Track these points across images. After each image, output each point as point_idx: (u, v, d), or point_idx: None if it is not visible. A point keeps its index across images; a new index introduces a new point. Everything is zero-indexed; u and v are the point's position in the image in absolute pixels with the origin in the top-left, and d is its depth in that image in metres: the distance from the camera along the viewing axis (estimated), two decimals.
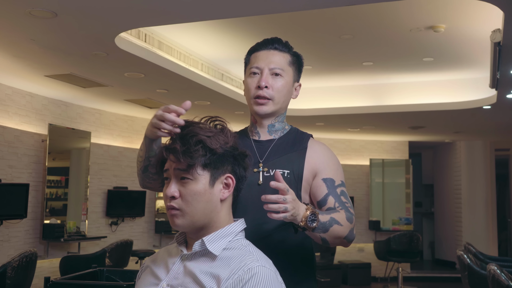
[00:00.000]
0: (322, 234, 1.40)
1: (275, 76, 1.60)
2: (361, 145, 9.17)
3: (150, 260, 1.39)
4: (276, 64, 1.61)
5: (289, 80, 1.63)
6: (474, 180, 9.31)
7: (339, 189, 1.54)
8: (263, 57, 1.63)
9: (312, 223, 1.35)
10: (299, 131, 1.68)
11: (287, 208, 1.28)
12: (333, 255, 7.92)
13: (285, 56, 1.64)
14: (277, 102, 1.60)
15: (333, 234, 1.41)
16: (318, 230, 1.38)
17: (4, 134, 5.27)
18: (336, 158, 1.63)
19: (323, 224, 1.39)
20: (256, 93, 1.60)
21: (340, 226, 1.43)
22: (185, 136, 1.26)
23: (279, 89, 1.60)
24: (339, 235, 1.43)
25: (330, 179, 1.55)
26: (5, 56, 4.39)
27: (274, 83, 1.60)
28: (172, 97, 5.82)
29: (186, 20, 3.65)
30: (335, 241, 1.45)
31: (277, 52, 1.63)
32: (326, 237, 1.41)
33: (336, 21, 4.37)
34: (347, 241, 1.47)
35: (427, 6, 4.04)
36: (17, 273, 4.10)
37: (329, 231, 1.40)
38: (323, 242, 1.43)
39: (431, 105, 6.33)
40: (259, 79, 1.60)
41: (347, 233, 1.45)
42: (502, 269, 3.76)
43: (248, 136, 1.67)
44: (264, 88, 1.59)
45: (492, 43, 3.87)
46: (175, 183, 1.27)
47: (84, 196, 6.34)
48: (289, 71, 1.63)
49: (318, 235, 1.40)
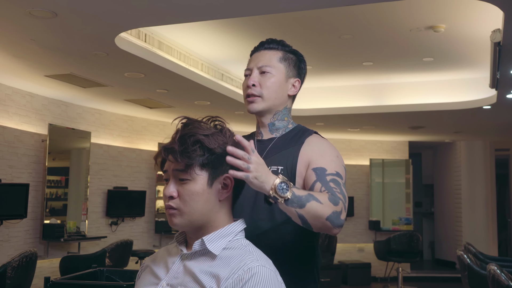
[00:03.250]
0: (298, 209, 1.31)
1: (264, 74, 1.62)
2: (361, 145, 9.17)
3: (150, 259, 1.39)
4: (263, 62, 1.63)
5: (279, 76, 1.63)
6: (474, 180, 9.31)
7: (329, 177, 1.46)
8: (254, 58, 1.67)
9: (284, 192, 1.27)
10: (303, 129, 1.66)
11: (249, 168, 1.23)
12: (333, 255, 7.92)
13: (276, 53, 1.65)
14: (267, 98, 1.62)
15: (311, 211, 1.31)
16: (292, 203, 1.30)
17: (4, 134, 5.27)
18: (334, 151, 1.56)
19: (299, 198, 1.30)
20: (246, 92, 1.64)
21: (320, 204, 1.33)
22: (183, 136, 1.26)
23: (268, 85, 1.62)
24: (319, 214, 1.32)
25: (321, 168, 1.48)
26: (5, 56, 4.39)
27: (263, 81, 1.62)
28: (172, 97, 5.83)
29: (186, 20, 3.65)
30: (315, 222, 1.33)
31: (266, 51, 1.66)
32: (304, 214, 1.31)
33: (336, 21, 4.37)
34: (332, 225, 1.34)
35: (427, 6, 4.04)
36: (17, 273, 4.10)
37: (306, 207, 1.31)
38: (302, 221, 1.33)
39: (431, 105, 6.33)
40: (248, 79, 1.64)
41: (329, 214, 1.33)
42: (502, 269, 3.77)
43: (254, 138, 1.70)
44: (252, 87, 1.61)
45: (492, 43, 3.87)
46: (174, 183, 1.27)
47: (84, 196, 6.34)
48: (280, 67, 1.64)
49: (294, 211, 1.31)
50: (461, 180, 9.40)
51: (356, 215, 8.94)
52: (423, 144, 10.09)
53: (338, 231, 1.37)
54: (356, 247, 8.99)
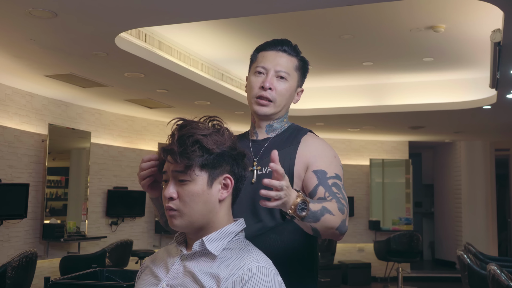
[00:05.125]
0: (313, 224, 1.32)
1: (280, 79, 1.60)
2: (361, 145, 9.17)
3: (150, 260, 1.39)
4: (282, 67, 1.60)
5: (293, 85, 1.63)
6: (474, 180, 9.31)
7: (330, 181, 1.47)
8: (271, 58, 1.62)
9: (302, 212, 1.28)
10: (298, 128, 1.66)
11: (281, 196, 1.22)
12: (333, 255, 7.92)
13: (293, 60, 1.63)
14: (278, 105, 1.60)
15: (324, 224, 1.34)
16: (308, 219, 1.31)
17: (4, 134, 5.28)
18: (331, 151, 1.57)
19: (314, 213, 1.31)
20: (258, 93, 1.59)
21: (332, 216, 1.35)
22: (182, 137, 1.26)
23: (282, 92, 1.60)
24: (331, 226, 1.35)
25: (322, 170, 1.49)
26: (5, 56, 4.39)
27: (278, 86, 1.59)
28: (172, 97, 5.83)
29: (186, 20, 3.66)
30: (326, 232, 1.37)
31: (285, 55, 1.62)
32: (317, 227, 1.34)
33: (336, 21, 4.37)
34: (339, 233, 1.39)
35: (427, 6, 4.04)
36: (17, 273, 4.10)
37: (320, 221, 1.33)
38: (314, 232, 1.36)
39: (431, 105, 6.33)
40: (263, 80, 1.59)
41: (339, 223, 1.37)
42: (502, 269, 3.77)
43: (247, 137, 1.67)
44: (268, 90, 1.58)
45: (492, 43, 3.87)
46: (173, 184, 1.27)
47: (84, 196, 6.34)
48: (294, 76, 1.63)
49: (309, 225, 1.33)
50: (461, 180, 9.40)
51: (356, 215, 8.94)
52: (423, 144, 10.09)
53: (342, 237, 1.42)
54: (356, 247, 8.99)
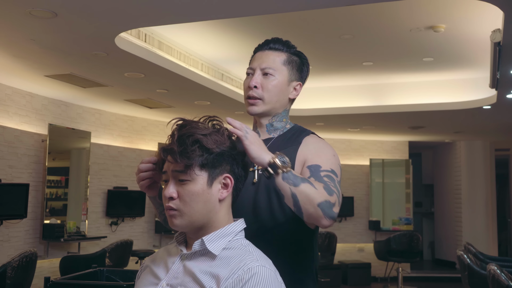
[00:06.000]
0: (292, 187, 1.32)
1: (266, 75, 1.61)
2: (361, 145, 9.17)
3: (150, 259, 1.39)
4: (267, 64, 1.61)
5: (282, 80, 1.62)
6: (474, 180, 9.31)
7: (323, 173, 1.45)
8: (257, 57, 1.64)
9: (282, 159, 1.34)
10: (301, 129, 1.65)
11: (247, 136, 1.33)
12: (333, 255, 7.92)
13: (280, 55, 1.63)
14: (268, 101, 1.60)
15: (304, 192, 1.32)
16: (288, 179, 1.32)
17: (4, 134, 5.27)
18: (331, 151, 1.56)
19: (295, 176, 1.33)
20: (247, 94, 1.62)
21: (314, 189, 1.33)
22: (182, 137, 1.26)
23: (269, 88, 1.60)
24: (311, 198, 1.32)
25: (316, 165, 1.48)
26: (5, 56, 4.39)
27: (265, 83, 1.60)
28: (172, 97, 5.83)
29: (186, 20, 3.66)
30: (307, 206, 1.32)
31: (271, 52, 1.63)
32: (297, 194, 1.32)
33: (336, 21, 4.37)
34: (323, 213, 1.32)
35: (427, 6, 4.04)
36: (17, 273, 4.10)
37: (300, 187, 1.32)
38: (294, 202, 1.33)
39: (431, 105, 6.33)
40: (250, 80, 1.62)
41: (322, 200, 1.32)
42: (502, 269, 3.77)
43: None
44: (254, 88, 1.60)
45: (492, 43, 3.87)
46: (173, 184, 1.27)
47: (84, 196, 6.34)
48: (283, 70, 1.62)
49: (288, 188, 1.32)
50: (461, 180, 9.40)
51: (356, 215, 8.94)
52: (423, 144, 10.09)
53: (328, 224, 1.34)
54: (356, 247, 8.99)
